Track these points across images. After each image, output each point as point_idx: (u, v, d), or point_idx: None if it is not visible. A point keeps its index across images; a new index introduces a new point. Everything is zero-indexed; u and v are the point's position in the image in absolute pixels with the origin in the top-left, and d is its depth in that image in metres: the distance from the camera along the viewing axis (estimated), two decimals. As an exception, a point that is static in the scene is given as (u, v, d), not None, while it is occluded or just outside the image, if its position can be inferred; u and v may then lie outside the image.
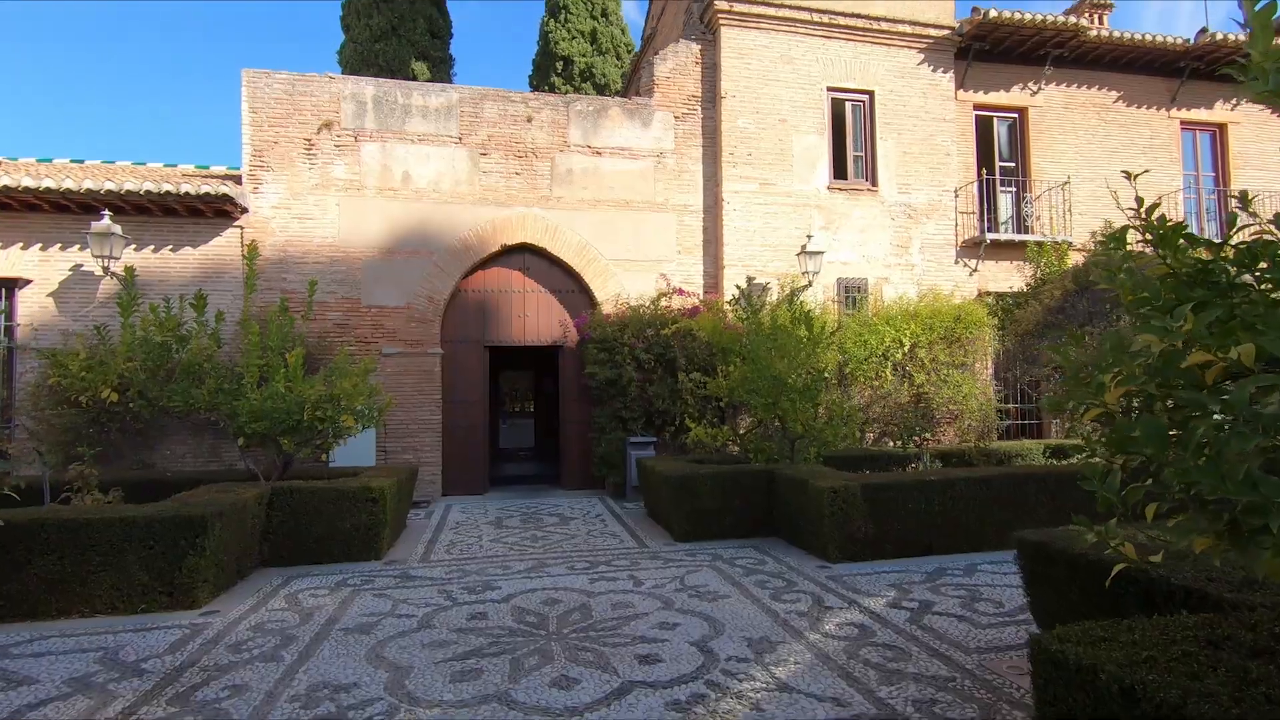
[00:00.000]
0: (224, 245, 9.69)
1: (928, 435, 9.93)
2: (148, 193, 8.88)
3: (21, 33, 38.35)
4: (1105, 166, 12.93)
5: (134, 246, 9.45)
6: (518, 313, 10.90)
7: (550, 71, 21.52)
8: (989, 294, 11.94)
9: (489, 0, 44.48)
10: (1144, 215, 2.09)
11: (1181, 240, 1.95)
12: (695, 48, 11.36)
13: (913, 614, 4.66)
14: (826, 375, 7.33)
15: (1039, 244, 11.16)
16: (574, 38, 21.83)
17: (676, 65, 11.27)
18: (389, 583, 5.68)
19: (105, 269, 8.95)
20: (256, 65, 9.71)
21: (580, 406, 10.84)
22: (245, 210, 9.71)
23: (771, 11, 11.25)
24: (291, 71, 9.97)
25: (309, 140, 9.98)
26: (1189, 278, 1.87)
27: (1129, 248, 2.29)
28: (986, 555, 6.26)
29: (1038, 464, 8.86)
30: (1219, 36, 12.30)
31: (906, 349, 10.79)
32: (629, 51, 22.34)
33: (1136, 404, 2.00)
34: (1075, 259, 10.72)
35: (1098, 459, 2.08)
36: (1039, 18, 11.50)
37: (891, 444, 10.80)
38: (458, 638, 4.32)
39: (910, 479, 6.28)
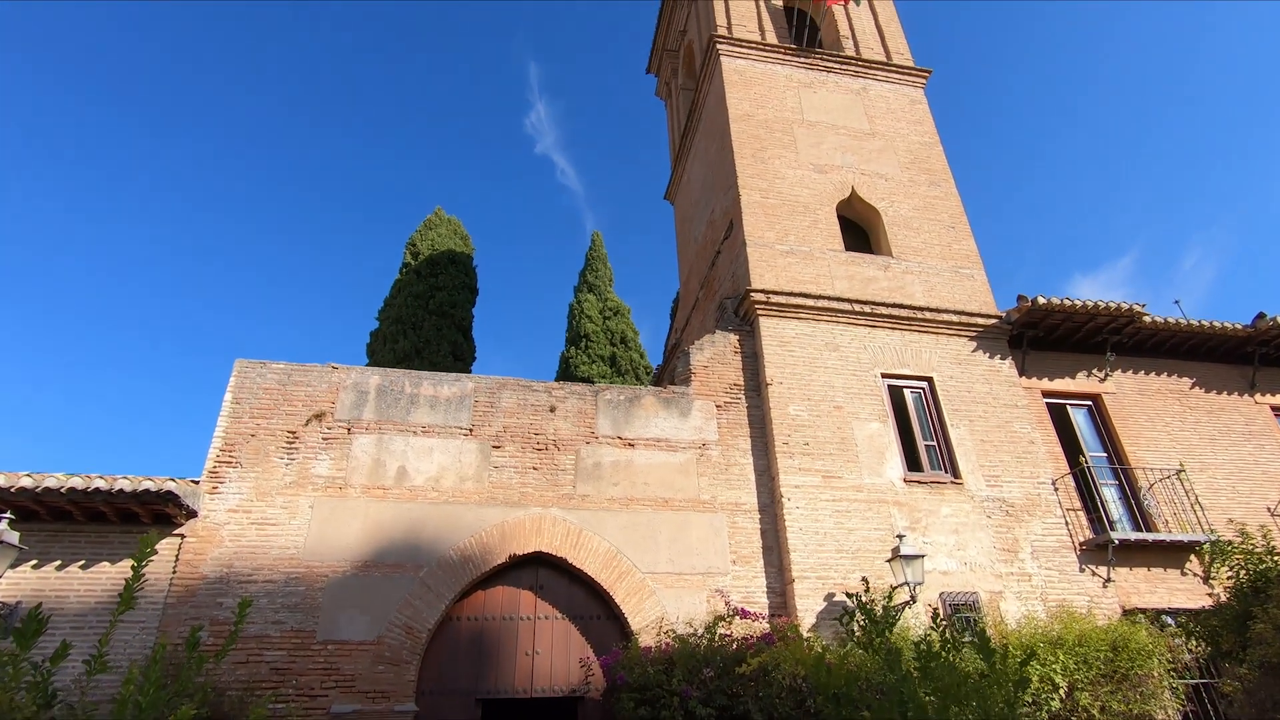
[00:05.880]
0: (152, 560, 7.49)
1: None
2: (71, 491, 7.05)
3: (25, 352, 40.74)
4: (1209, 455, 11.24)
5: (34, 562, 7.29)
6: (525, 649, 8.15)
7: (569, 391, 21.41)
8: (1138, 610, 9.19)
9: (511, 327, 48.63)
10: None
11: None
12: (733, 337, 10.59)
13: None
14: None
15: (1216, 543, 8.78)
16: (593, 362, 22.24)
17: (714, 354, 10.35)
18: None
19: (-23, 592, 6.67)
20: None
21: (608, 795, 7.42)
22: (193, 514, 7.76)
23: (809, 303, 10.73)
24: (289, 361, 8.95)
25: (292, 433, 8.49)
26: None
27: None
28: None
29: None
30: (1280, 320, 11.65)
31: (1063, 692, 7.74)
32: (647, 373, 22.60)
33: None
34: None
35: None
36: (1090, 304, 10.91)
37: None
38: None
39: None
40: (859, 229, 12.72)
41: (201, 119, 44.22)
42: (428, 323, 19.19)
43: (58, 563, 7.37)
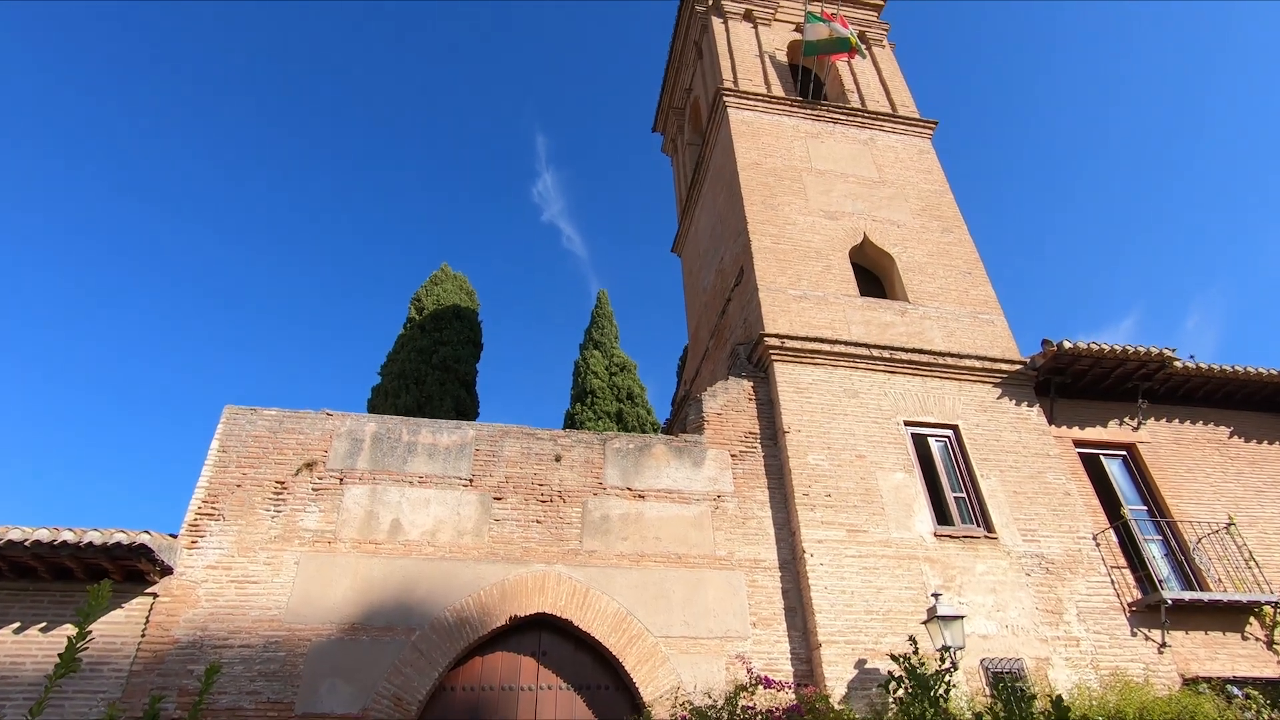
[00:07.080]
0: (119, 622, 6.87)
1: None
2: (36, 544, 6.50)
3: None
4: (1256, 508, 10.54)
5: (-10, 624, 6.68)
6: (525, 724, 7.38)
7: (575, 449, 20.80)
8: (1200, 679, 8.36)
9: (516, 384, 48.16)
10: None
11: None
12: (747, 384, 10.12)
13: None
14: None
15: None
16: (599, 418, 21.71)
17: (728, 401, 9.87)
18: None
19: (-78, 657, 6.05)
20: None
21: None
22: (169, 571, 7.16)
23: (825, 348, 10.31)
24: (281, 408, 8.51)
25: (280, 483, 7.96)
26: None
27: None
28: None
29: None
30: (1318, 365, 11.15)
31: (1130, 775, 6.90)
32: (655, 429, 22.02)
33: None
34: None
35: None
36: (1118, 348, 10.46)
37: None
38: None
39: None
40: (872, 276, 12.43)
41: (210, 168, 45.25)
42: (431, 378, 18.80)
43: (16, 624, 6.74)
